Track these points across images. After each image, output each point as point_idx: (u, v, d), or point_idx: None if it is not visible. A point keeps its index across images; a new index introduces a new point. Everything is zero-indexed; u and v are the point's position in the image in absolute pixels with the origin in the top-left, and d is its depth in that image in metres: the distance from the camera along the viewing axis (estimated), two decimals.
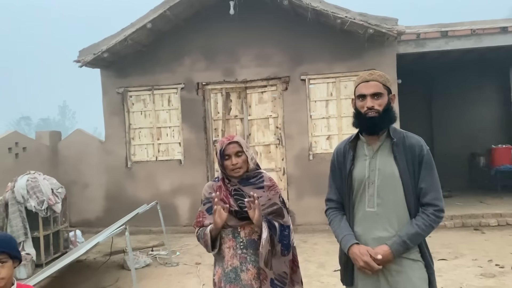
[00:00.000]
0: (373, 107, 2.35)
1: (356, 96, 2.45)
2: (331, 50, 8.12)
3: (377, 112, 2.35)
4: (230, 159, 2.54)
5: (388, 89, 2.42)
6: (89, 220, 8.94)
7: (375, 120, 2.36)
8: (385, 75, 2.46)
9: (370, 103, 2.36)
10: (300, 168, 8.29)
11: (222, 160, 2.56)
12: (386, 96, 2.40)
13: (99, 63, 8.43)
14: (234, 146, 2.56)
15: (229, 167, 2.54)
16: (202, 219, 2.66)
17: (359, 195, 2.45)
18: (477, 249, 6.35)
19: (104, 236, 4.67)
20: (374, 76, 2.41)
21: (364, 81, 2.42)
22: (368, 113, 2.36)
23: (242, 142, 2.62)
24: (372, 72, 2.45)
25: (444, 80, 11.62)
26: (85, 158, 9.01)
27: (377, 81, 2.39)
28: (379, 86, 2.38)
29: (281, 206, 2.64)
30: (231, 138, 2.61)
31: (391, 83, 2.47)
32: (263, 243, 2.44)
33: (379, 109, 2.36)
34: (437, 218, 2.32)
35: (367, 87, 2.39)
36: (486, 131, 11.51)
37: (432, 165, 2.39)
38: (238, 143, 2.58)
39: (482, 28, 7.76)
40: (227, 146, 2.56)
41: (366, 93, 2.38)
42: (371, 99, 2.36)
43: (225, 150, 2.55)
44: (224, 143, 2.57)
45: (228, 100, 8.63)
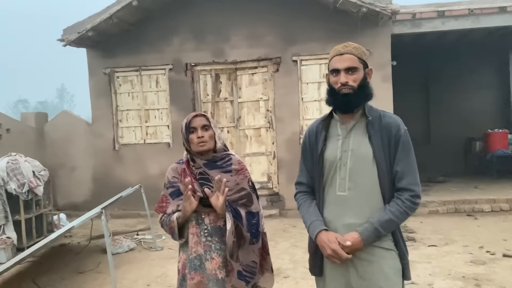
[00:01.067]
0: (347, 82, 2.14)
1: (330, 71, 2.24)
2: (324, 30, 7.85)
3: (351, 89, 2.15)
4: (196, 132, 2.36)
5: (364, 63, 2.20)
6: (76, 203, 8.80)
7: (349, 97, 2.15)
8: (361, 47, 2.22)
9: (344, 79, 2.15)
10: (291, 152, 8.10)
11: (187, 133, 2.37)
12: (362, 71, 2.18)
13: (84, 43, 8.17)
14: (201, 119, 2.39)
15: (194, 140, 2.35)
16: (165, 204, 2.47)
17: (330, 178, 2.26)
18: (469, 235, 6.21)
19: (80, 220, 4.50)
20: (349, 49, 2.19)
21: (338, 54, 2.20)
22: (342, 90, 2.16)
23: (210, 118, 2.45)
24: (347, 44, 2.23)
25: (441, 63, 11.36)
26: (72, 140, 8.83)
27: (351, 54, 2.17)
28: (354, 60, 2.17)
29: (250, 191, 2.45)
30: (198, 112, 2.46)
31: (367, 56, 2.25)
32: (228, 234, 2.28)
33: (354, 85, 2.15)
34: (413, 204, 2.13)
35: (341, 61, 2.17)
36: (483, 116, 11.30)
37: (409, 147, 2.19)
38: (206, 117, 2.41)
39: (480, 8, 7.48)
40: (193, 118, 2.39)
41: (339, 68, 2.17)
42: (345, 74, 2.15)
43: (191, 123, 2.37)
44: (190, 116, 2.41)
45: (217, 81, 8.39)
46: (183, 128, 2.40)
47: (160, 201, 2.50)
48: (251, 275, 2.42)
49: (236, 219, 2.33)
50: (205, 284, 2.35)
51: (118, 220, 8.10)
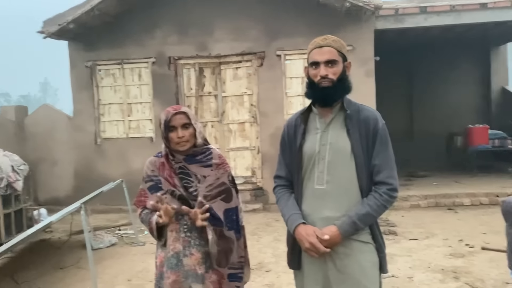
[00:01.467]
0: (327, 75, 2.14)
1: (309, 64, 2.23)
2: (308, 25, 7.84)
3: (331, 82, 2.14)
4: (175, 131, 2.28)
5: (343, 56, 2.20)
6: (58, 198, 8.67)
7: (329, 90, 2.14)
8: (340, 40, 2.22)
9: (323, 71, 2.14)
10: (275, 147, 8.02)
11: (166, 131, 2.29)
12: (341, 64, 2.18)
13: (65, 35, 8.03)
14: (181, 117, 2.30)
15: (174, 140, 2.28)
16: (144, 198, 2.43)
17: (308, 171, 2.25)
18: (449, 229, 6.29)
19: (59, 215, 4.43)
20: (328, 41, 2.18)
21: (317, 47, 2.19)
22: (322, 83, 2.15)
23: (190, 113, 2.36)
24: (326, 37, 2.22)
25: (423, 59, 11.46)
26: (53, 134, 8.69)
27: (331, 47, 2.16)
28: (333, 53, 2.16)
29: (229, 186, 2.42)
30: (177, 108, 2.34)
31: (346, 50, 2.25)
32: (210, 244, 2.26)
33: (333, 78, 2.14)
34: (390, 198, 2.15)
35: (321, 54, 2.16)
36: (464, 111, 11.46)
37: (387, 141, 2.20)
38: (186, 114, 2.32)
39: (461, 4, 7.55)
40: (173, 116, 2.29)
41: (319, 60, 2.16)
42: (324, 67, 2.14)
43: (171, 121, 2.28)
44: (169, 113, 2.30)
45: (201, 75, 8.33)
46: (161, 125, 2.33)
47: (139, 195, 2.45)
48: (240, 270, 2.42)
49: (216, 225, 2.30)
50: (180, 282, 2.31)
51: (100, 215, 8.01)
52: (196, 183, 2.34)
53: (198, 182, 2.34)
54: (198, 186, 2.33)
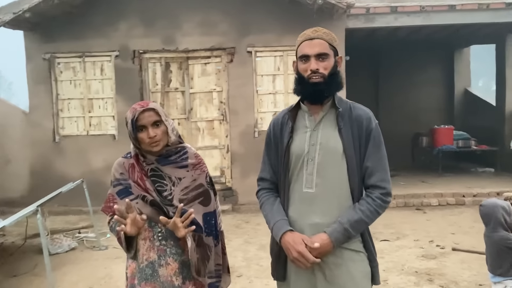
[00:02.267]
0: (318, 70, 1.96)
1: (298, 57, 2.05)
2: (280, 22, 7.67)
3: (322, 77, 1.97)
4: (146, 130, 2.03)
5: (334, 49, 2.03)
6: (12, 199, 8.09)
7: (320, 86, 1.97)
8: (331, 33, 2.06)
9: (314, 65, 1.96)
10: (245, 146, 7.89)
11: (135, 132, 2.03)
12: (333, 58, 2.01)
13: (21, 25, 7.49)
14: (150, 115, 2.04)
15: (145, 140, 2.02)
16: (113, 204, 2.14)
17: (296, 173, 2.07)
18: (419, 229, 6.29)
19: (13, 219, 4.04)
20: (319, 34, 2.01)
21: (308, 39, 2.01)
22: (312, 78, 1.97)
23: (160, 109, 2.10)
24: (317, 29, 2.04)
25: (391, 59, 11.58)
26: (7, 130, 8.12)
27: (322, 39, 1.99)
28: (324, 46, 1.99)
29: (207, 188, 2.19)
30: (145, 104, 2.07)
31: (338, 43, 2.08)
32: (190, 252, 2.03)
33: (325, 72, 1.98)
34: (384, 203, 2.00)
35: (311, 46, 1.99)
36: (429, 112, 11.66)
37: (380, 142, 2.05)
38: (155, 111, 2.06)
39: (431, 5, 7.61)
40: (141, 114, 2.02)
41: (309, 53, 1.98)
42: (315, 61, 1.97)
43: (139, 120, 2.02)
44: (136, 111, 2.03)
45: (168, 70, 8.00)
46: (128, 125, 2.05)
47: (107, 200, 2.19)
48: (218, 279, 2.22)
49: (195, 231, 2.07)
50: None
51: (58, 217, 7.54)
52: (171, 186, 2.10)
53: (172, 185, 2.11)
54: (172, 189, 2.10)
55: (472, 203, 7.59)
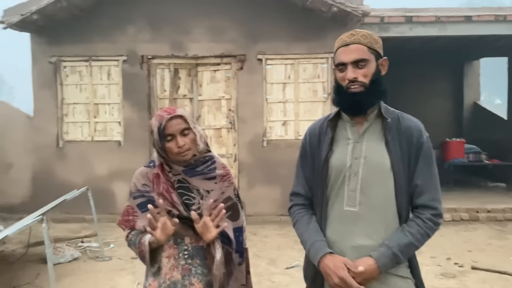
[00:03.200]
0: (356, 78, 1.77)
1: (335, 65, 1.86)
2: (291, 29, 7.51)
3: (362, 85, 1.78)
4: (174, 139, 1.87)
5: (376, 52, 1.82)
6: (13, 205, 7.88)
7: (360, 97, 1.78)
8: (372, 34, 1.84)
9: (351, 74, 1.77)
10: (253, 155, 7.69)
11: (162, 141, 1.87)
12: (374, 63, 1.81)
13: (28, 27, 7.33)
14: (178, 122, 1.88)
15: (174, 150, 1.87)
16: (132, 217, 1.97)
17: (336, 189, 1.87)
18: (434, 246, 6.07)
19: (17, 228, 3.84)
20: (356, 37, 1.80)
21: (343, 45, 1.81)
22: (351, 88, 1.78)
23: (188, 116, 1.94)
24: (354, 32, 1.84)
25: (400, 71, 11.38)
26: (9, 134, 7.91)
27: (359, 44, 1.79)
28: (362, 50, 1.78)
29: (236, 201, 2.03)
30: (172, 111, 1.90)
31: (380, 45, 1.86)
32: (216, 265, 1.85)
33: (365, 81, 1.78)
34: (435, 225, 1.80)
35: (347, 53, 1.79)
36: (438, 125, 11.46)
37: (431, 157, 1.86)
38: (183, 118, 1.90)
39: (446, 15, 7.45)
40: (168, 122, 1.87)
41: (346, 61, 1.79)
42: (353, 69, 1.78)
43: (166, 128, 1.86)
44: (163, 118, 1.87)
45: (176, 77, 7.83)
46: (154, 134, 1.89)
47: (125, 213, 1.99)
48: None
49: (224, 243, 1.89)
50: None
51: (60, 225, 7.31)
52: (199, 199, 1.92)
53: (201, 198, 1.93)
54: (201, 202, 1.92)
55: (486, 219, 7.39)
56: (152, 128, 1.90)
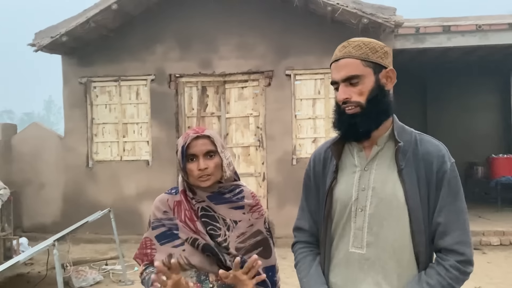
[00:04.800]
0: (349, 99, 1.48)
1: (331, 83, 1.58)
2: (321, 43, 7.24)
3: (357, 105, 1.48)
4: (196, 160, 1.68)
5: (374, 65, 1.50)
6: (44, 225, 7.97)
7: (355, 119, 1.48)
8: (370, 42, 1.52)
9: (342, 95, 1.49)
10: (282, 174, 7.41)
11: (184, 161, 1.69)
12: (371, 77, 1.49)
13: (58, 48, 7.48)
14: (204, 143, 1.70)
15: (194, 172, 1.67)
16: (150, 251, 1.75)
17: (341, 226, 1.59)
18: (480, 274, 5.52)
19: (28, 254, 3.74)
20: (347, 50, 1.50)
21: (334, 60, 1.53)
22: (346, 109, 1.49)
23: (216, 137, 1.74)
24: (346, 43, 1.53)
25: (440, 82, 10.86)
26: (42, 155, 8.05)
27: (350, 58, 1.48)
28: (354, 65, 1.48)
29: (267, 236, 1.80)
30: (200, 131, 1.72)
31: (381, 54, 1.51)
32: None
33: (359, 100, 1.48)
34: (462, 274, 1.47)
35: (337, 69, 1.51)
36: (484, 139, 10.75)
37: (457, 189, 1.52)
38: (210, 139, 1.71)
39: (488, 24, 6.96)
40: (193, 141, 1.69)
41: (336, 79, 1.51)
42: (344, 88, 1.49)
43: (190, 147, 1.68)
44: (188, 136, 1.70)
45: (204, 95, 7.72)
46: (178, 152, 1.71)
47: (142, 245, 1.78)
48: None
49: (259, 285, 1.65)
50: None
51: (88, 245, 7.29)
52: (225, 230, 1.70)
53: (227, 229, 1.71)
54: (227, 234, 1.70)
55: None
56: (178, 147, 1.73)
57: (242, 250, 1.70)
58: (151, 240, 1.76)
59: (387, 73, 1.53)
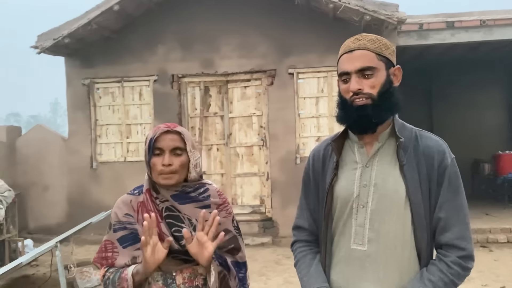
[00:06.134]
0: (361, 90, 1.46)
1: (338, 75, 1.55)
2: (323, 41, 7.19)
3: (368, 97, 1.46)
4: (162, 155, 1.61)
5: (386, 60, 1.50)
6: (49, 226, 7.98)
7: (367, 110, 1.46)
8: (382, 39, 1.53)
9: (355, 85, 1.46)
10: (286, 173, 7.37)
11: (149, 154, 1.62)
12: (383, 72, 1.49)
13: (61, 50, 7.48)
14: (173, 138, 1.63)
15: (157, 167, 1.61)
16: (111, 254, 1.69)
17: (341, 223, 1.57)
18: (486, 272, 5.47)
19: (30, 255, 3.73)
20: (362, 42, 1.50)
21: (347, 51, 1.51)
22: (356, 100, 1.47)
23: (187, 135, 1.68)
24: (359, 36, 1.53)
25: (445, 79, 10.77)
26: (46, 156, 8.06)
27: (366, 50, 1.48)
28: (369, 57, 1.48)
29: (235, 234, 1.75)
30: (172, 126, 1.66)
31: (391, 51, 1.53)
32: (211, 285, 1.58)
33: (372, 92, 1.47)
34: (463, 270, 1.44)
35: (351, 60, 1.49)
36: (490, 136, 10.65)
37: (458, 184, 1.51)
38: (181, 135, 1.65)
39: (493, 19, 6.88)
40: (162, 135, 1.62)
41: (349, 70, 1.48)
42: (357, 79, 1.47)
43: (158, 141, 1.61)
44: (158, 129, 1.63)
45: (207, 95, 7.70)
46: (146, 145, 1.66)
47: (102, 249, 1.72)
48: None
49: (222, 267, 1.63)
50: None
51: (93, 247, 7.27)
52: (191, 231, 1.63)
53: (193, 229, 1.65)
54: (193, 234, 1.63)
55: None
56: (146, 139, 1.67)
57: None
58: (112, 242, 1.70)
59: (395, 71, 1.55)
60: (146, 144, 1.65)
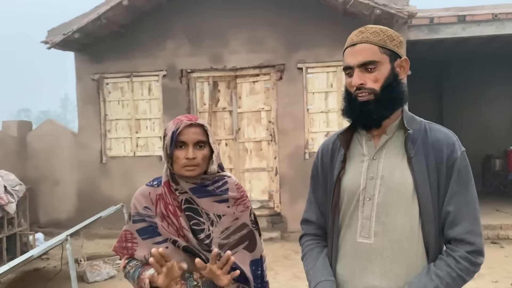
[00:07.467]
0: (364, 85, 1.44)
1: (343, 69, 1.54)
2: (332, 35, 7.14)
3: (371, 92, 1.44)
4: (185, 148, 1.62)
5: (391, 52, 1.47)
6: (59, 220, 8.07)
7: (369, 106, 1.44)
8: (387, 30, 1.50)
9: (357, 80, 1.45)
10: (295, 168, 7.36)
11: (172, 147, 1.62)
12: (387, 65, 1.46)
13: (71, 45, 7.52)
14: (196, 132, 1.64)
15: (181, 160, 1.62)
16: (131, 244, 1.71)
17: (348, 216, 1.56)
18: (497, 268, 5.42)
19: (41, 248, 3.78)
20: (365, 35, 1.47)
21: (351, 45, 1.49)
22: (359, 96, 1.45)
23: (209, 128, 1.69)
24: (363, 29, 1.50)
25: (456, 74, 10.65)
26: (56, 151, 8.13)
27: (368, 43, 1.45)
28: (372, 51, 1.45)
29: (252, 229, 1.75)
30: (193, 119, 1.66)
31: (397, 42, 1.49)
32: None
33: (374, 87, 1.44)
34: (472, 265, 1.41)
35: (354, 54, 1.47)
36: (502, 131, 10.51)
37: (468, 177, 1.47)
38: (204, 128, 1.66)
39: (505, 12, 6.77)
40: (185, 128, 1.62)
41: (352, 64, 1.47)
42: (360, 73, 1.45)
43: (181, 134, 1.62)
44: (181, 122, 1.63)
45: (215, 90, 7.70)
46: (167, 138, 1.65)
47: (122, 238, 1.74)
48: None
49: (239, 281, 1.63)
50: None
51: (102, 240, 7.36)
52: (208, 226, 1.65)
53: (211, 224, 1.66)
54: (211, 229, 1.65)
55: None
56: (167, 132, 1.66)
57: (226, 246, 1.65)
58: (131, 233, 1.71)
59: (401, 63, 1.51)
60: (167, 136, 1.65)
